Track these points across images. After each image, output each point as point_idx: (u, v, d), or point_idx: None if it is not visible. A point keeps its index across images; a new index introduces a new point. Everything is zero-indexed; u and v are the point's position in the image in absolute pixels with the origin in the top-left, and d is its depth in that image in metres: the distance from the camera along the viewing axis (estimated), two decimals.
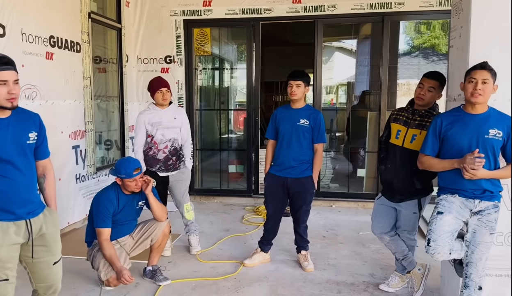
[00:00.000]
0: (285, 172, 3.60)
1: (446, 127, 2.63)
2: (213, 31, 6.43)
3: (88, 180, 4.92)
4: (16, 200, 2.12)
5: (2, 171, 2.07)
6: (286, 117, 3.63)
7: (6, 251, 2.09)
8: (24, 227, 2.15)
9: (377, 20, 5.56)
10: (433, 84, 2.94)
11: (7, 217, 2.10)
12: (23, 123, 2.17)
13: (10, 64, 2.04)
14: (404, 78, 7.39)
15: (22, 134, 2.15)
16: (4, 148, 2.06)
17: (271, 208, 3.74)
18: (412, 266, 3.20)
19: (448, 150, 2.62)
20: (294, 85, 3.53)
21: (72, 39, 4.57)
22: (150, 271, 3.44)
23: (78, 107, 4.70)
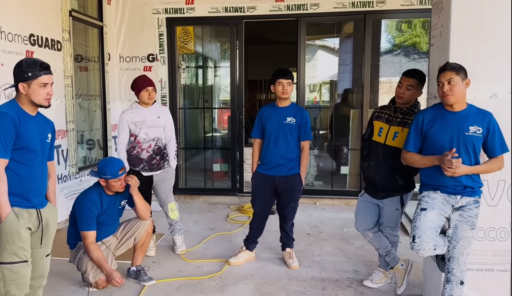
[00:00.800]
0: (273, 170, 3.61)
1: (427, 124, 2.68)
2: (196, 30, 6.39)
3: (70, 180, 4.85)
4: (34, 188, 2.36)
5: (27, 160, 2.30)
6: (272, 116, 3.63)
7: (25, 232, 2.30)
8: (35, 216, 2.36)
9: (359, 18, 5.61)
10: (411, 83, 2.99)
11: (23, 204, 2.30)
12: (44, 125, 2.46)
13: (49, 69, 2.35)
14: (386, 76, 7.47)
15: (44, 133, 2.43)
16: (33, 139, 2.32)
17: (258, 206, 3.74)
18: (395, 262, 3.24)
19: (430, 147, 2.67)
20: (286, 83, 3.53)
21: (52, 37, 4.49)
22: (134, 272, 3.41)
23: (59, 107, 4.62)
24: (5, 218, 2.22)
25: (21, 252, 2.27)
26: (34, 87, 2.29)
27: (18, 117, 2.26)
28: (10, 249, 2.25)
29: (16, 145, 2.25)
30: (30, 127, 2.31)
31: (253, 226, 3.81)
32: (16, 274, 2.26)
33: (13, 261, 2.25)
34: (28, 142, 2.29)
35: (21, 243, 2.27)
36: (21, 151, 2.28)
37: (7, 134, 2.21)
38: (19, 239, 2.26)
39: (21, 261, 2.27)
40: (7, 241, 2.24)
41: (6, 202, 2.23)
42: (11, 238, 2.24)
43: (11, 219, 2.24)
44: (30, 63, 2.34)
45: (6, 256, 2.25)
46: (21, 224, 2.27)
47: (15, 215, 2.26)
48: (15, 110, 2.29)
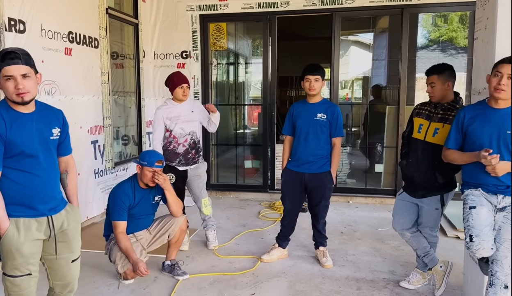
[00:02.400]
0: (303, 167, 3.56)
1: (468, 121, 2.58)
2: (228, 26, 6.40)
3: (106, 174, 4.96)
4: (39, 196, 2.13)
5: (26, 166, 2.08)
6: (303, 112, 3.59)
7: (29, 247, 2.11)
8: (46, 224, 2.16)
9: (396, 12, 5.46)
10: (431, 80, 2.93)
11: (29, 213, 2.11)
12: (47, 119, 2.17)
13: (18, 58, 1.98)
14: (422, 72, 7.25)
15: (46, 130, 2.15)
16: (29, 143, 2.07)
17: (288, 203, 3.71)
18: (433, 263, 3.14)
19: (470, 145, 2.57)
20: (313, 80, 3.48)
21: (90, 35, 4.59)
22: (169, 266, 3.45)
23: (96, 103, 4.73)
24: (4, 233, 2.05)
25: (23, 267, 2.11)
26: (1, 82, 2.00)
27: (4, 122, 2.02)
28: (11, 265, 2.10)
29: (9, 153, 2.03)
30: (23, 129, 2.06)
31: (284, 224, 3.78)
32: (18, 287, 2.13)
33: (15, 275, 2.11)
34: (23, 147, 2.05)
35: (23, 259, 2.10)
36: (17, 157, 2.05)
37: None
38: (20, 256, 2.09)
39: (23, 275, 2.12)
40: (8, 257, 2.09)
41: (2, 218, 2.04)
42: (12, 255, 2.08)
43: (10, 236, 2.06)
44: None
45: (8, 269, 2.12)
46: (22, 240, 2.08)
47: (17, 229, 2.07)
48: (1, 114, 2.03)
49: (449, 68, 2.95)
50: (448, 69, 2.94)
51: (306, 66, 3.54)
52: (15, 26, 3.55)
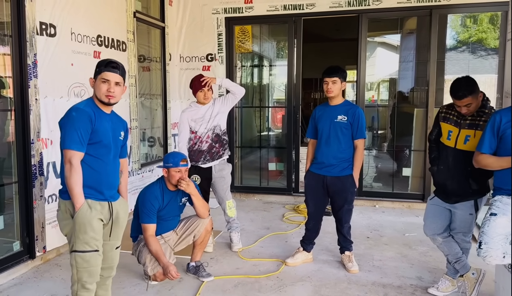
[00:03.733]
0: (324, 170, 3.53)
1: (505, 125, 2.50)
2: (253, 28, 6.41)
3: (133, 175, 5.03)
4: (106, 182, 2.45)
5: (100, 154, 2.41)
6: (324, 115, 3.57)
7: (97, 223, 2.38)
8: (107, 208, 2.45)
9: (425, 13, 5.35)
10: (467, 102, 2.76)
11: (96, 196, 2.40)
12: (117, 123, 2.57)
13: (117, 69, 2.42)
14: (450, 74, 7.09)
15: (117, 130, 2.54)
16: (107, 135, 2.43)
17: (311, 206, 3.68)
18: (465, 269, 3.05)
19: (506, 149, 2.49)
20: (330, 82, 3.45)
21: (118, 38, 4.67)
22: (194, 267, 3.47)
23: (124, 105, 4.80)
24: (79, 208, 2.32)
25: (92, 242, 2.36)
26: (97, 82, 2.41)
27: (93, 113, 2.38)
28: (83, 239, 2.34)
29: (91, 140, 2.36)
30: (104, 124, 2.42)
31: (308, 227, 3.75)
32: (87, 262, 2.36)
33: (85, 250, 2.35)
34: (102, 138, 2.39)
35: (93, 233, 2.35)
36: (95, 145, 2.38)
37: (83, 129, 2.32)
38: (91, 229, 2.35)
39: (92, 250, 2.36)
40: (80, 230, 2.33)
41: (80, 193, 2.32)
42: (84, 228, 2.33)
43: (84, 210, 2.33)
44: (102, 61, 2.47)
45: (79, 244, 2.34)
46: (93, 215, 2.35)
47: (88, 206, 2.35)
48: (91, 107, 2.41)
49: (475, 82, 2.80)
50: (475, 84, 2.79)
51: (325, 69, 3.51)
52: (46, 30, 3.65)
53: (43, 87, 3.60)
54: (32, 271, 3.58)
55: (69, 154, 2.30)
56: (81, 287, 2.40)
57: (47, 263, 3.75)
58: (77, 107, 2.39)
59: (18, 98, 3.45)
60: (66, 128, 2.34)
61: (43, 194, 3.64)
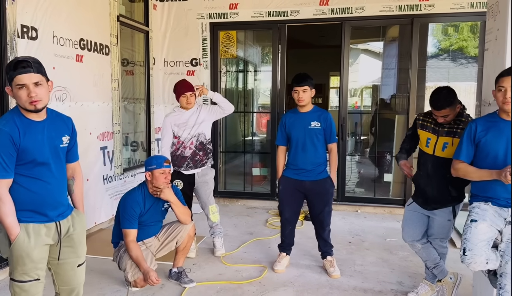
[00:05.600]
0: (303, 176, 3.58)
1: (480, 133, 2.56)
2: (238, 34, 6.43)
3: (115, 180, 4.98)
4: (49, 202, 2.18)
5: (38, 174, 2.13)
6: (296, 122, 3.60)
7: (38, 252, 2.15)
8: (54, 229, 2.20)
9: (406, 22, 5.45)
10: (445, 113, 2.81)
11: (39, 219, 2.16)
12: (57, 127, 2.22)
13: (30, 67, 2.02)
14: (432, 81, 7.23)
15: (57, 138, 2.20)
16: (40, 151, 2.12)
17: (288, 211, 3.70)
18: (443, 274, 3.11)
19: (483, 158, 2.55)
20: (300, 91, 3.50)
21: (101, 42, 4.64)
22: (176, 273, 3.45)
23: (106, 109, 4.77)
24: (14, 239, 2.08)
25: (32, 272, 2.15)
26: (14, 90, 2.04)
27: (17, 130, 2.05)
28: (21, 270, 2.13)
29: (22, 160, 2.08)
30: (35, 137, 2.10)
31: (285, 233, 3.77)
32: (26, 292, 2.16)
33: (23, 280, 2.14)
34: (35, 155, 2.09)
35: (32, 264, 2.13)
36: (29, 165, 2.10)
37: (5, 153, 2.02)
38: (30, 261, 2.12)
39: (32, 279, 2.15)
40: (18, 262, 2.12)
41: (12, 224, 2.06)
42: (22, 260, 2.11)
43: (20, 241, 2.09)
44: (8, 64, 2.08)
45: (17, 275, 2.14)
46: (32, 245, 2.11)
47: (27, 234, 2.11)
48: (14, 122, 2.07)
49: (454, 94, 2.84)
50: (455, 96, 2.83)
51: (294, 77, 3.56)
52: (27, 33, 3.60)
53: None
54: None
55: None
56: None
57: None
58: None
59: None
60: None
61: None
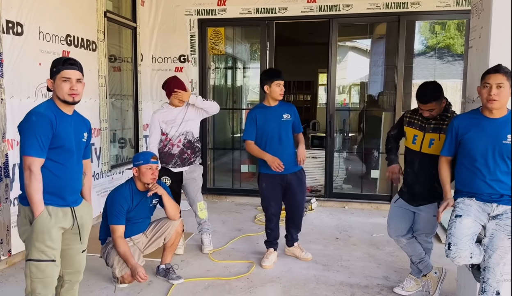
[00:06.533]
0: (285, 170, 3.61)
1: (463, 130, 2.61)
2: (227, 31, 6.43)
3: (103, 177, 4.96)
4: (69, 187, 2.38)
5: (63, 160, 2.33)
6: (268, 116, 3.65)
7: (56, 232, 2.30)
8: (70, 214, 2.38)
9: (393, 20, 5.51)
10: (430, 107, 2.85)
11: (58, 202, 2.32)
12: (80, 124, 2.48)
13: (76, 65, 2.36)
14: (419, 79, 7.30)
15: (80, 132, 2.45)
16: (69, 139, 2.34)
17: (274, 206, 3.76)
18: (428, 269, 3.16)
19: (465, 154, 2.60)
20: (282, 84, 3.63)
21: (88, 38, 4.60)
22: (164, 270, 3.45)
23: (93, 106, 4.73)
24: (38, 216, 2.23)
25: (49, 251, 2.27)
26: (57, 82, 2.32)
27: (54, 117, 2.29)
28: (39, 247, 2.25)
29: (52, 145, 2.27)
30: (66, 127, 2.33)
31: (271, 227, 3.81)
32: (42, 272, 2.27)
33: (41, 259, 2.26)
34: (64, 142, 2.31)
35: (51, 242, 2.27)
36: (57, 150, 2.29)
37: (44, 134, 2.23)
38: (49, 238, 2.26)
39: (48, 259, 2.27)
40: (37, 238, 2.24)
41: (40, 201, 2.23)
42: (42, 236, 2.24)
43: (43, 217, 2.24)
44: (57, 60, 2.39)
45: (35, 253, 2.26)
46: (53, 223, 2.27)
47: (49, 213, 2.27)
48: (52, 110, 2.31)
49: (441, 88, 2.88)
50: (441, 90, 2.88)
51: (271, 71, 3.69)
52: (12, 29, 3.56)
53: (9, 87, 3.51)
54: None
55: (29, 161, 2.21)
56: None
57: (12, 266, 3.65)
58: (37, 111, 2.29)
59: None
60: (25, 134, 2.25)
61: (9, 196, 3.55)
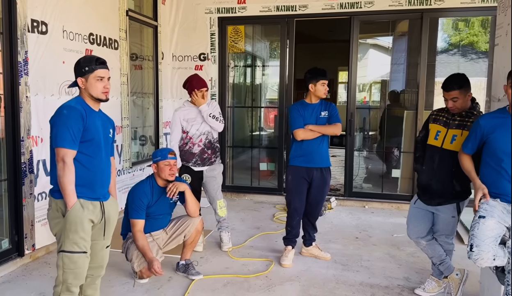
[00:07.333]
0: (313, 162, 3.64)
1: (489, 130, 2.55)
2: (246, 29, 6.43)
3: (124, 174, 5.03)
4: (99, 180, 2.45)
5: (93, 153, 2.40)
6: (308, 112, 3.67)
7: (87, 223, 2.37)
8: (99, 208, 2.44)
9: (416, 17, 5.41)
10: (454, 95, 2.83)
11: (88, 195, 2.38)
12: (105, 121, 2.56)
13: (105, 64, 2.44)
14: (441, 77, 7.17)
15: (106, 128, 2.54)
16: (98, 133, 2.42)
17: (297, 201, 3.72)
18: (449, 271, 3.10)
19: (490, 154, 2.55)
20: (326, 83, 3.65)
21: (110, 36, 4.66)
22: (183, 265, 3.48)
23: (115, 103, 4.80)
24: (71, 207, 2.29)
25: (81, 243, 2.33)
26: (91, 81, 2.39)
27: (84, 111, 2.37)
28: (72, 238, 2.31)
29: (83, 138, 2.34)
30: (94, 121, 2.41)
31: (292, 224, 3.79)
32: (75, 263, 2.33)
33: (74, 251, 2.32)
34: (94, 135, 2.39)
35: (83, 233, 2.33)
36: (88, 143, 2.36)
37: (75, 127, 2.30)
38: (82, 229, 2.32)
39: (80, 251, 2.33)
40: (71, 230, 2.30)
41: (73, 192, 2.29)
42: (75, 227, 2.30)
43: (76, 209, 2.31)
44: (87, 59, 2.47)
45: (68, 244, 2.32)
46: (85, 214, 2.34)
47: (81, 205, 2.33)
48: (81, 105, 2.40)
49: (467, 79, 2.86)
50: (467, 81, 2.86)
51: (316, 70, 3.64)
52: (37, 28, 3.64)
53: (34, 85, 3.59)
54: (21, 269, 3.57)
55: (62, 152, 2.28)
56: (65, 290, 2.37)
57: (36, 261, 3.74)
58: (68, 105, 2.38)
59: (8, 95, 3.44)
60: (58, 127, 2.31)
61: (33, 191, 3.63)
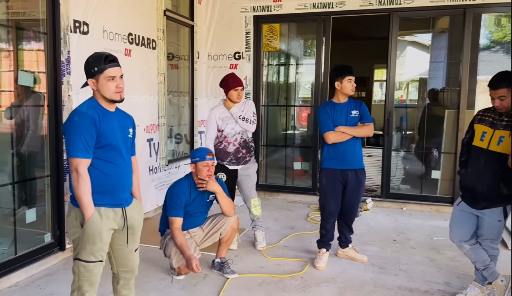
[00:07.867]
0: (347, 164, 3.57)
1: None
2: (281, 27, 6.39)
3: (160, 172, 5.10)
4: (120, 185, 2.33)
5: (111, 158, 2.28)
6: (338, 112, 3.60)
7: (106, 234, 2.28)
8: (121, 214, 2.33)
9: (458, 12, 5.21)
10: (501, 93, 2.70)
11: (109, 202, 2.28)
12: (124, 120, 2.41)
13: (116, 61, 2.27)
14: (483, 75, 6.90)
15: (125, 128, 2.39)
16: (115, 136, 2.29)
17: (331, 205, 3.65)
18: (494, 277, 2.96)
19: None
20: (353, 80, 3.56)
21: (148, 36, 4.74)
22: (219, 263, 3.50)
23: (152, 102, 4.88)
24: (89, 218, 2.20)
25: (98, 253, 2.26)
26: (102, 82, 2.23)
27: (98, 115, 2.23)
28: (90, 250, 2.23)
29: (99, 144, 2.23)
30: (110, 124, 2.28)
31: (327, 227, 3.73)
32: (90, 272, 2.27)
33: (90, 260, 2.25)
34: (110, 140, 2.26)
35: (101, 244, 2.25)
36: (104, 148, 2.25)
37: (88, 134, 2.18)
38: (100, 240, 2.24)
39: (97, 261, 2.27)
40: (89, 241, 2.22)
41: (89, 203, 2.19)
42: (93, 239, 2.22)
43: (94, 220, 2.21)
44: (95, 57, 2.27)
45: (84, 254, 2.24)
46: (104, 225, 2.24)
47: (99, 215, 2.23)
48: (95, 108, 2.25)
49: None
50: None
51: (343, 67, 3.57)
52: (79, 28, 3.74)
53: (75, 84, 3.68)
54: (62, 262, 3.68)
55: (75, 162, 2.16)
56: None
57: None
58: (79, 110, 2.25)
59: (51, 94, 3.55)
60: (69, 135, 2.19)
61: None
